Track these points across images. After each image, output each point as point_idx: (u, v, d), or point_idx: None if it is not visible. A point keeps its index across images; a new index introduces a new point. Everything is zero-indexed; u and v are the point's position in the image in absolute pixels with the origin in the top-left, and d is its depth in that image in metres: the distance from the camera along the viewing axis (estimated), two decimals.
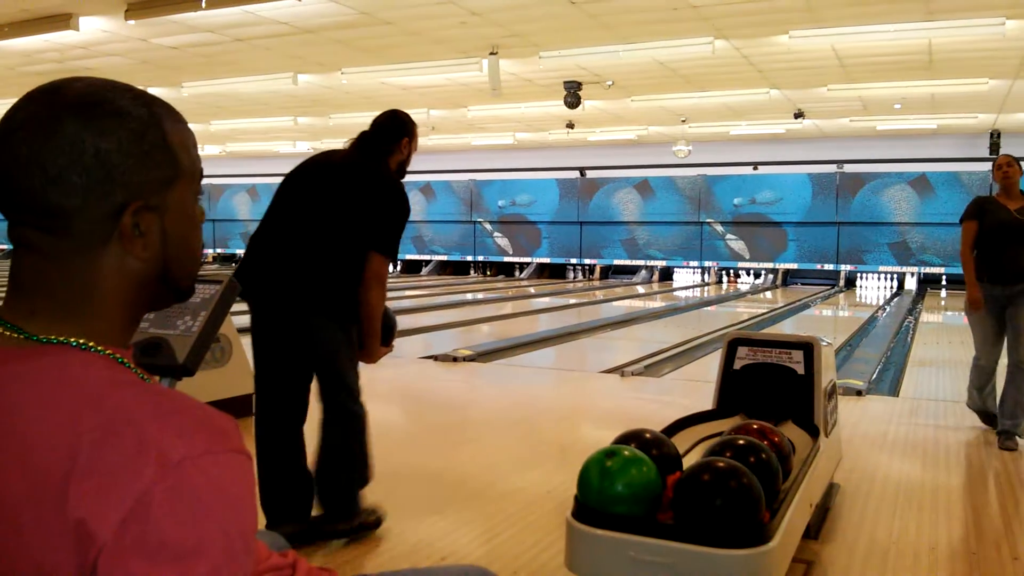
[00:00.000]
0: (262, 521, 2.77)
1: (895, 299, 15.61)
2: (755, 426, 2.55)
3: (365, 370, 3.02)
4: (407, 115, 3.25)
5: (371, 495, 3.53)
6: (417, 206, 22.75)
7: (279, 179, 3.10)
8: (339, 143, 3.38)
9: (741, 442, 2.29)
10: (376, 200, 2.99)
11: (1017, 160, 4.71)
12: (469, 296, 15.36)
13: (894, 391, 6.53)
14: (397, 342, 3.49)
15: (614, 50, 11.14)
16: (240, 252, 24.78)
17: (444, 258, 22.58)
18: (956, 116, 15.90)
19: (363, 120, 3.32)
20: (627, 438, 2.35)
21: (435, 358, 7.15)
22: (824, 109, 15.53)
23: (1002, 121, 16.43)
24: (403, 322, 10.14)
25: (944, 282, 18.19)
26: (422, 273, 22.36)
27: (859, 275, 18.77)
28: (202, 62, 11.94)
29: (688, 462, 2.41)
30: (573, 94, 12.86)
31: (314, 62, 11.90)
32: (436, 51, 11.08)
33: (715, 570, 1.89)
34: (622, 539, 1.99)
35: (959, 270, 14.45)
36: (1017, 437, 4.45)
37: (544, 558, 2.83)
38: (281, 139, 20.57)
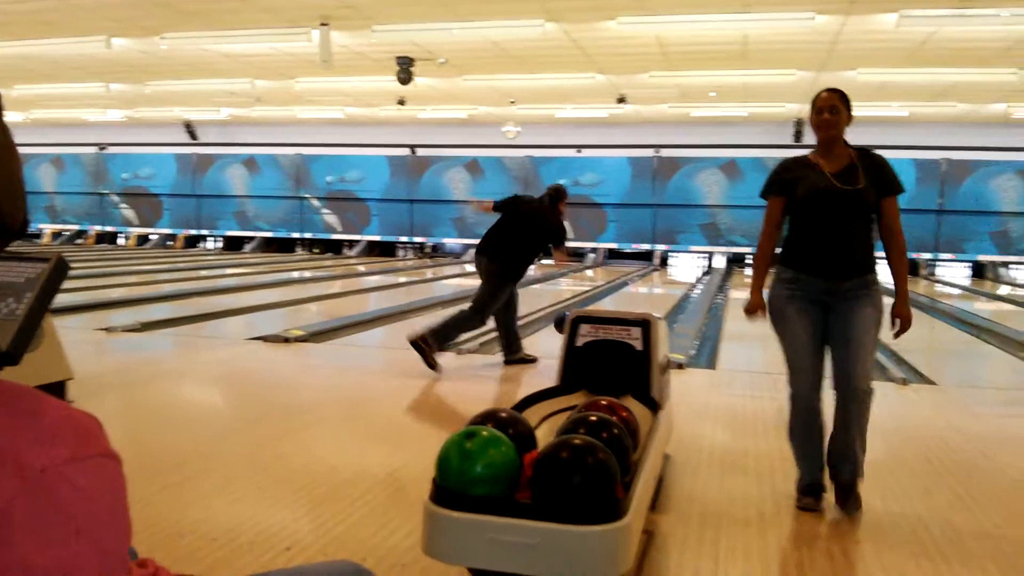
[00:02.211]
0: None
1: (706, 277, 16.53)
2: (604, 402, 2.62)
3: (187, 355, 2.86)
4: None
5: (205, 487, 3.37)
6: (239, 180, 21.83)
7: (87, 148, 2.90)
8: (156, 112, 3.21)
9: (593, 418, 2.35)
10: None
11: (845, 99, 3.32)
12: (296, 275, 14.92)
13: (711, 364, 6.89)
14: (219, 323, 3.35)
15: (448, 27, 11.09)
16: (43, 227, 22.91)
17: (269, 235, 21.80)
18: (765, 105, 16.97)
19: (182, 88, 3.14)
20: (483, 418, 2.35)
21: (264, 339, 6.89)
22: (645, 95, 16.16)
23: (807, 111, 17.68)
24: (225, 302, 9.76)
25: (748, 261, 19.46)
26: (245, 250, 21.51)
27: (672, 254, 19.79)
28: (9, 20, 10.89)
29: (539, 438, 2.44)
30: (405, 70, 12.71)
31: (135, 25, 11.10)
32: (264, 19, 10.62)
33: (575, 547, 1.92)
34: (482, 520, 1.98)
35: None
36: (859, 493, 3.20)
37: (392, 542, 2.79)
38: (92, 107, 19.15)
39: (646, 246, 19.64)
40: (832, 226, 3.21)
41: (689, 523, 3.03)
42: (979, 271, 18.31)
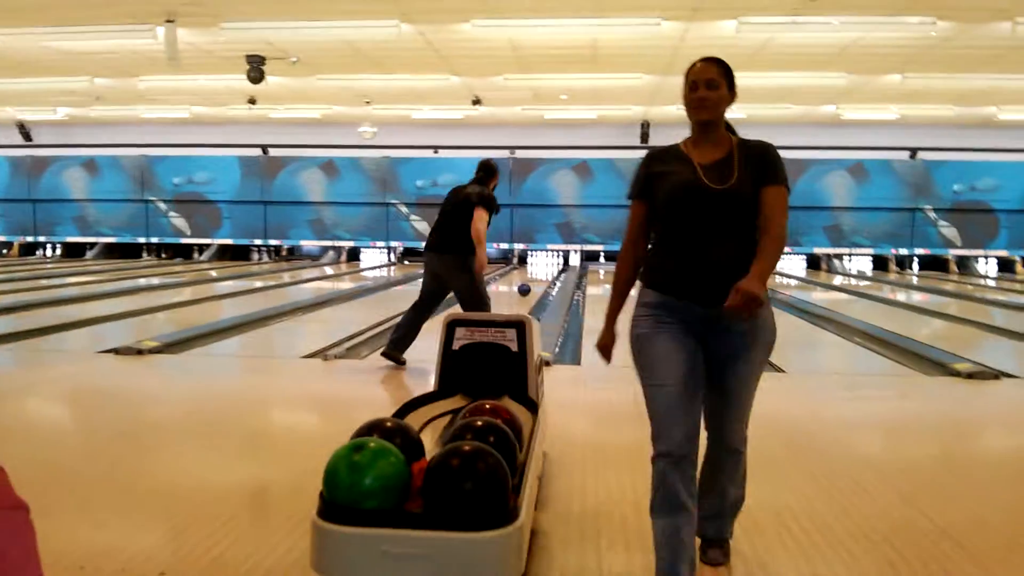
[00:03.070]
0: None
1: (563, 274, 16.89)
2: (487, 405, 2.64)
3: (32, 372, 2.69)
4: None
5: (63, 514, 3.17)
6: (79, 183, 20.55)
7: None
8: None
9: (480, 423, 2.36)
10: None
11: (727, 72, 2.64)
12: (144, 282, 14.20)
13: (576, 360, 7.04)
14: (64, 335, 3.16)
15: (301, 26, 10.86)
16: None
17: (112, 240, 20.62)
18: (614, 107, 17.50)
19: (16, 87, 2.98)
20: (368, 428, 2.33)
21: (116, 351, 6.53)
22: (499, 97, 16.34)
23: (652, 113, 18.37)
24: (69, 313, 9.19)
25: (602, 259, 20.09)
26: (87, 257, 20.27)
27: (530, 253, 20.15)
28: None
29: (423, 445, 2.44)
30: (257, 68, 12.33)
31: None
32: (105, 15, 10.05)
33: (470, 554, 1.93)
34: (375, 534, 1.96)
35: (617, 246, 15.86)
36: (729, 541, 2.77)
37: (273, 559, 2.72)
38: None
39: (505, 245, 19.87)
40: (700, 235, 2.47)
41: (569, 520, 3.10)
42: (814, 263, 19.57)
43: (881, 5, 9.86)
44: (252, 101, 15.96)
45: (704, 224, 2.47)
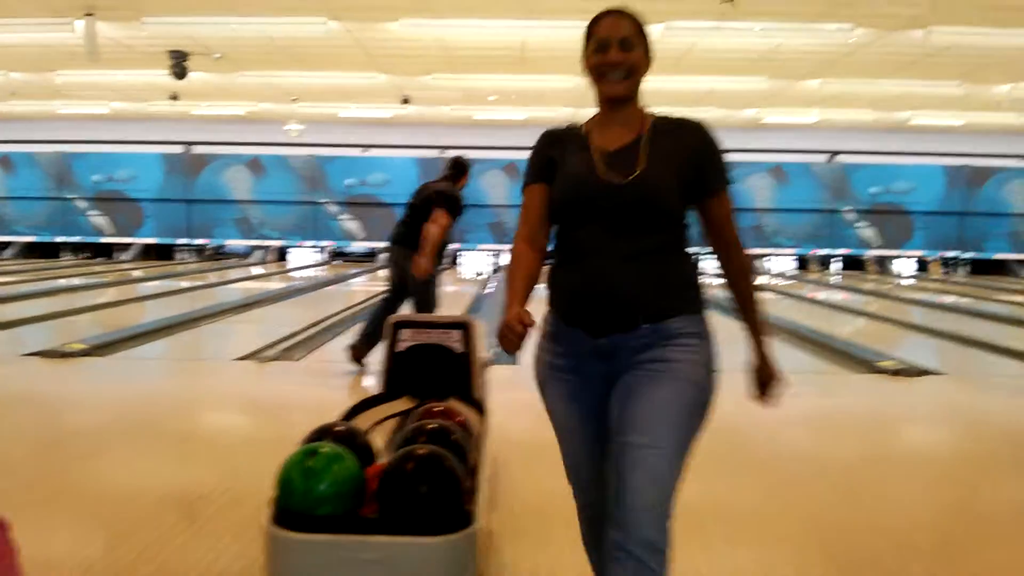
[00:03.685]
0: None
1: (496, 274, 16.94)
2: (437, 408, 2.66)
3: None
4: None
5: None
6: None
7: None
8: None
9: (433, 426, 2.38)
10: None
11: (640, 25, 2.03)
12: (63, 282, 13.72)
13: (515, 358, 7.07)
14: None
15: (225, 21, 10.66)
16: None
17: (30, 239, 19.85)
18: (542, 109, 17.63)
19: None
20: (319, 434, 2.32)
21: (41, 354, 6.31)
22: (429, 96, 16.30)
23: (580, 115, 18.53)
24: None
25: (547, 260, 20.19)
26: (3, 256, 19.48)
27: (461, 253, 20.13)
28: None
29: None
30: (179, 64, 12.05)
31: None
32: (22, 8, 9.69)
33: (427, 558, 1.94)
34: (330, 541, 1.96)
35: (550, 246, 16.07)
36: None
37: (220, 566, 2.68)
38: None
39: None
40: (600, 240, 1.90)
41: (517, 518, 3.14)
42: None
43: (801, 12, 10.16)
44: (174, 97, 15.58)
45: (599, 227, 1.89)
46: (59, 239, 19.85)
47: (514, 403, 5.13)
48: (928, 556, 2.92)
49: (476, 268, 19.09)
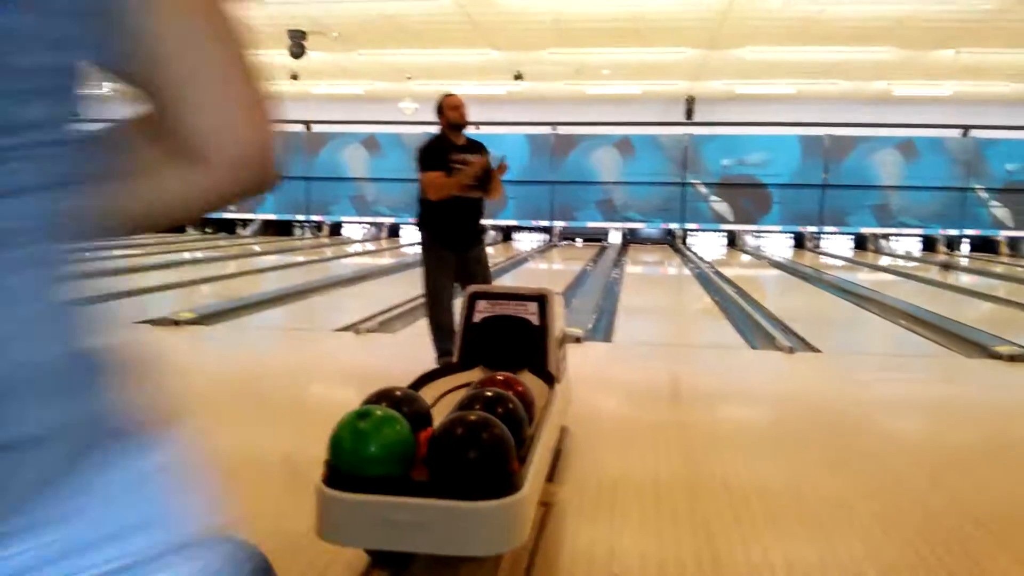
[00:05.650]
0: None
1: (602, 253, 16.79)
2: (500, 377, 2.63)
3: None
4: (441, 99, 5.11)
5: None
6: None
7: None
8: None
9: (489, 394, 2.35)
10: None
11: None
12: (187, 255, 14.44)
13: (608, 337, 7.00)
14: (106, 306, 3.19)
15: (341, 0, 10.87)
16: None
17: None
18: (657, 83, 17.28)
19: None
20: (377, 397, 2.32)
21: (152, 322, 6.64)
22: (541, 72, 16.22)
23: (696, 88, 18.10)
24: (114, 284, 9.35)
25: (644, 234, 20.00)
26: None
27: (515, 231, 20.07)
28: None
29: (435, 415, 2.44)
30: (297, 43, 12.39)
31: None
32: None
33: (472, 522, 1.92)
34: (377, 501, 1.96)
35: (657, 225, 15.60)
36: None
37: (287, 526, 2.73)
38: None
39: (545, 222, 19.80)
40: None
41: (585, 492, 3.08)
42: (861, 243, 19.17)
43: None
44: (294, 76, 16.05)
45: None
46: None
47: (605, 381, 5.09)
48: (1021, 547, 2.70)
49: (528, 245, 18.90)
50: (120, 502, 0.64)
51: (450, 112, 5.03)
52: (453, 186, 4.94)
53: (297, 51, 12.78)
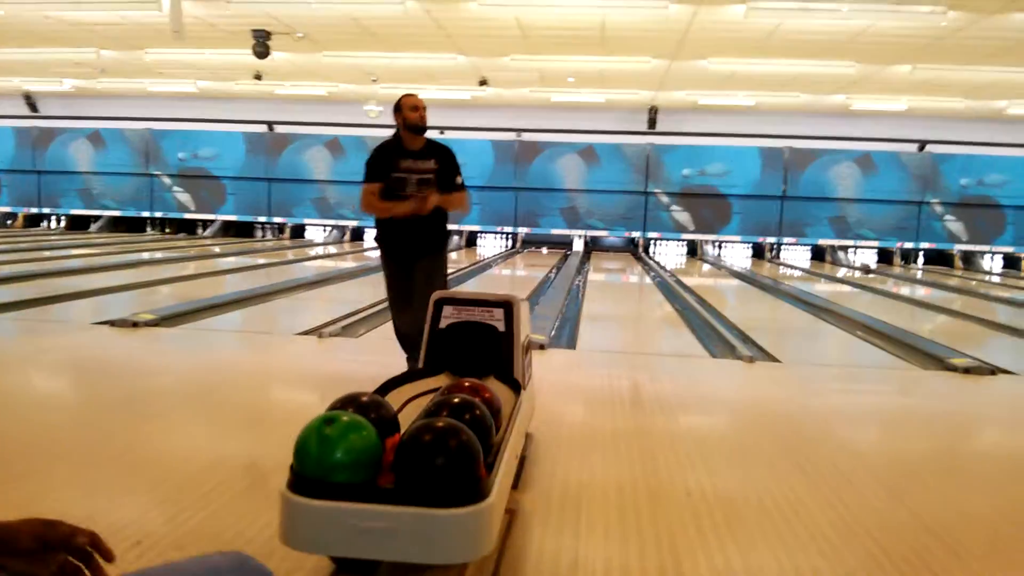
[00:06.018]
0: None
1: (566, 260, 16.85)
2: (467, 383, 2.62)
3: (30, 341, 2.68)
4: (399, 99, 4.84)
5: (51, 479, 3.18)
6: (84, 156, 20.56)
7: None
8: None
9: (456, 400, 2.34)
10: None
11: None
12: (146, 255, 14.21)
13: (572, 343, 7.03)
14: (65, 306, 3.15)
15: (307, 0, 10.79)
16: None
17: (117, 213, 20.64)
18: (621, 91, 17.40)
19: (23, 57, 2.97)
20: (344, 403, 2.31)
21: (111, 323, 6.53)
22: (506, 78, 16.26)
23: (660, 98, 18.26)
24: (71, 284, 9.19)
25: (606, 242, 20.14)
26: (91, 230, 20.30)
27: (480, 235, 20.24)
28: None
29: (401, 421, 2.42)
30: (262, 43, 12.30)
31: None
32: None
33: (439, 530, 1.92)
34: (343, 508, 1.94)
35: (620, 233, 15.73)
36: None
37: (250, 533, 2.71)
38: None
39: (509, 228, 19.83)
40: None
41: (550, 500, 3.09)
42: (819, 254, 19.48)
43: None
44: (258, 76, 15.91)
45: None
46: (144, 214, 20.56)
47: (568, 388, 5.10)
48: (977, 558, 2.76)
49: (492, 250, 19.00)
50: None
51: (409, 113, 4.79)
52: (384, 211, 4.81)
53: (261, 51, 12.66)
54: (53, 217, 21.22)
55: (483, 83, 16.57)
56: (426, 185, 4.78)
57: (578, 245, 19.76)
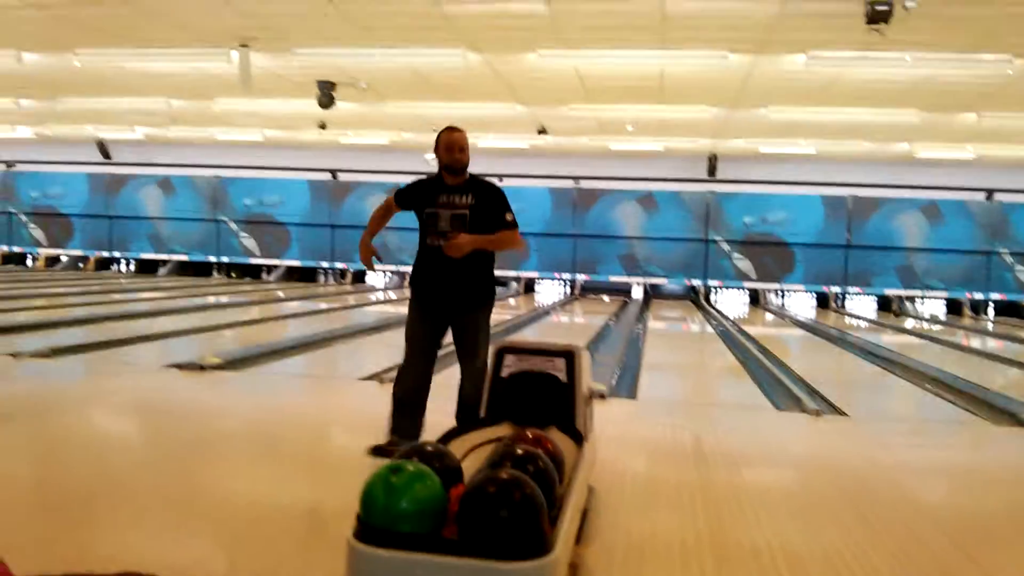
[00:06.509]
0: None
1: (625, 307, 16.76)
2: (530, 434, 2.62)
3: (98, 383, 2.75)
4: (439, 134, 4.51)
5: (115, 522, 3.23)
6: (154, 201, 21.25)
7: None
8: (68, 129, 3.15)
9: (520, 451, 2.34)
10: None
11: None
12: (212, 299, 14.55)
13: (632, 394, 6.96)
14: (132, 349, 3.24)
15: (370, 53, 11.07)
16: None
17: (184, 258, 21.23)
18: (680, 139, 17.39)
19: (96, 106, 3.10)
20: (409, 452, 2.32)
21: (179, 367, 6.67)
22: (565, 127, 16.38)
23: (719, 146, 18.20)
24: (138, 327, 9.45)
25: (665, 290, 19.98)
26: (159, 274, 20.90)
27: (538, 281, 20.20)
28: None
29: (463, 471, 2.42)
30: (326, 93, 12.61)
31: (48, 40, 10.75)
32: (180, 37, 10.40)
33: None
34: (408, 558, 1.94)
35: (680, 281, 15.52)
36: None
37: None
38: (0, 123, 18.43)
39: (567, 275, 19.84)
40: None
41: (613, 555, 3.04)
42: (885, 305, 19.02)
43: (954, 43, 9.62)
44: (322, 126, 16.30)
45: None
46: (211, 259, 21.10)
47: (630, 439, 5.05)
48: None
49: (549, 297, 18.93)
50: None
51: (442, 154, 4.45)
52: (367, 232, 4.84)
53: (326, 101, 12.99)
54: (123, 261, 21.90)
55: (542, 131, 16.72)
56: (459, 222, 4.35)
57: (637, 292, 19.64)
